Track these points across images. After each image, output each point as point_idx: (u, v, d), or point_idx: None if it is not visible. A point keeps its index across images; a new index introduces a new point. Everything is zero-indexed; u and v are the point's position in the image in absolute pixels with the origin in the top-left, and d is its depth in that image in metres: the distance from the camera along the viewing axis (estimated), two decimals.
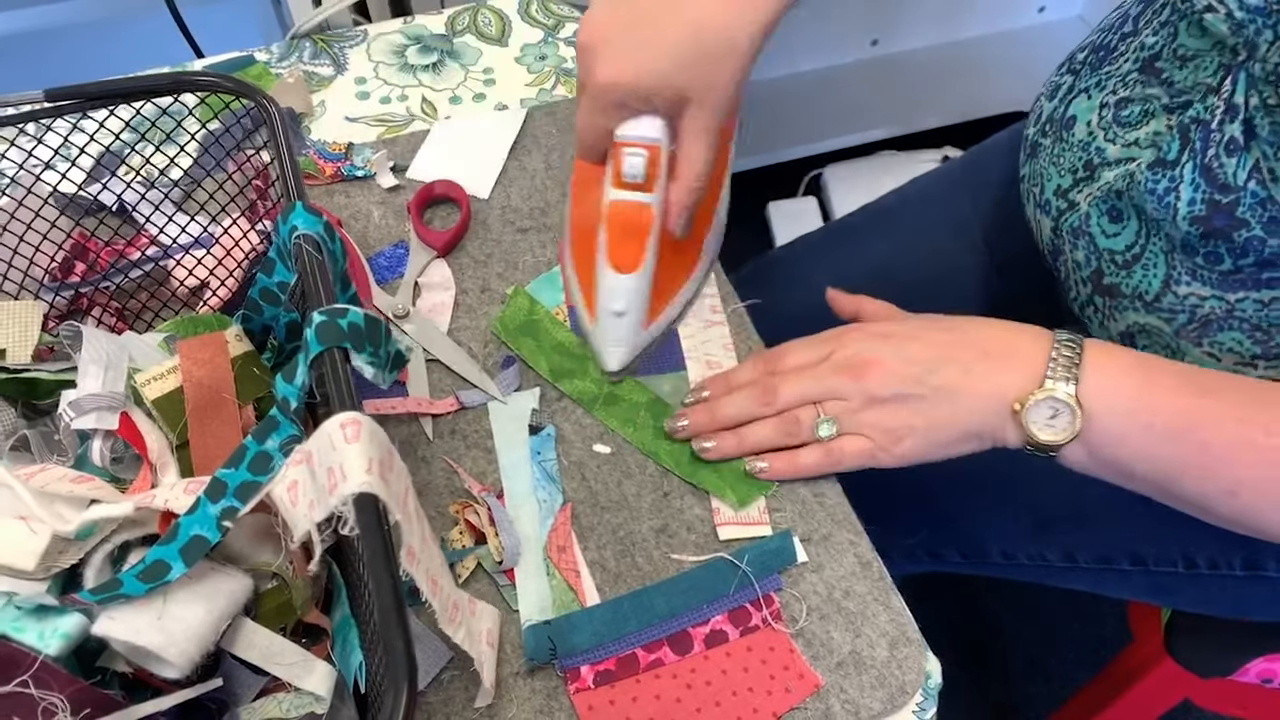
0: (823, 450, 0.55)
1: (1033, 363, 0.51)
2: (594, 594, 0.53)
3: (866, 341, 0.55)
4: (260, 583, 0.43)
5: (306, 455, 0.38)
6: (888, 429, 0.54)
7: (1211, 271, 0.55)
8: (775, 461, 0.56)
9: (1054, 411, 0.50)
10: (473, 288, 0.65)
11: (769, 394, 0.56)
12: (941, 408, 0.53)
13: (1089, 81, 0.64)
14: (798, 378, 0.56)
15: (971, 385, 0.52)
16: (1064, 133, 0.64)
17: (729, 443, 0.56)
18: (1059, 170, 0.64)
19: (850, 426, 0.54)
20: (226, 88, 0.46)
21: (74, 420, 0.43)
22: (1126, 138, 0.59)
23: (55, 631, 0.37)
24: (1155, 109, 0.57)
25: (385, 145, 0.72)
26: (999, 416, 0.52)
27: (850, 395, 0.54)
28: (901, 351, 0.54)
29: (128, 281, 0.58)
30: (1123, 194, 0.58)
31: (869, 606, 0.53)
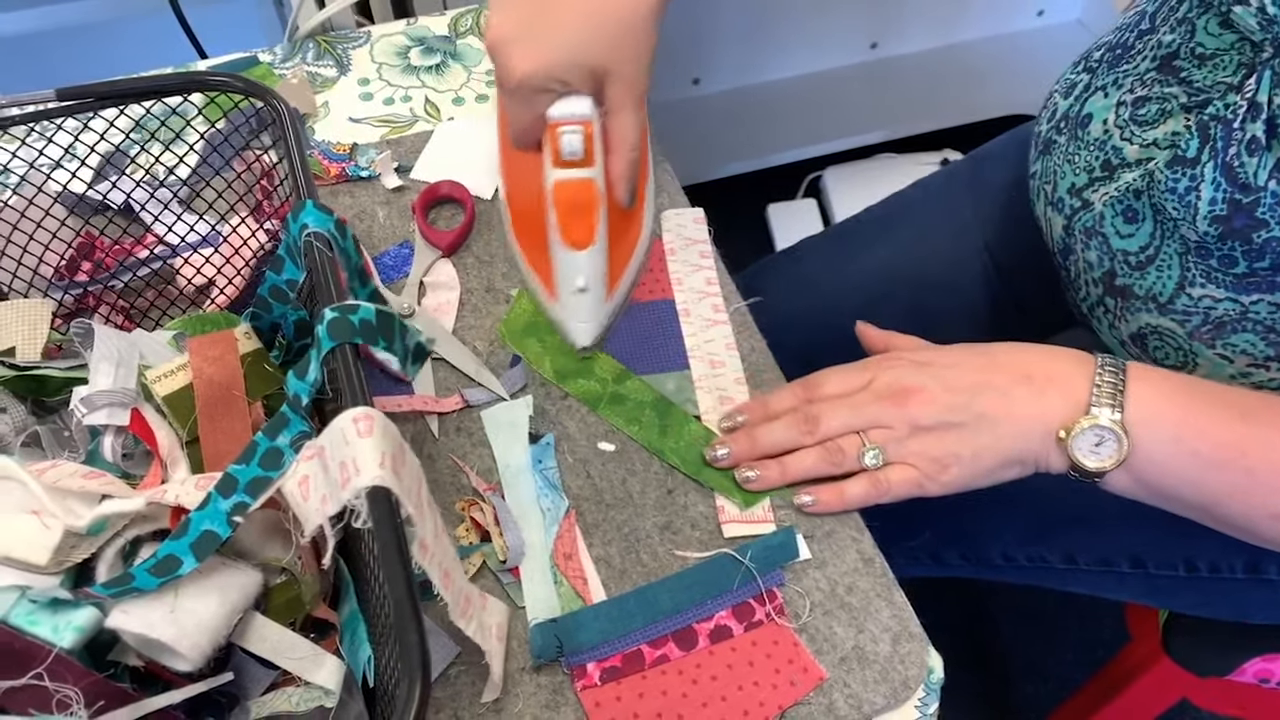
0: (870, 480, 0.55)
1: (1076, 388, 0.51)
2: (599, 591, 0.53)
3: (906, 369, 0.55)
4: (270, 578, 0.44)
5: (319, 450, 0.38)
6: (934, 458, 0.54)
7: (1226, 274, 0.55)
8: (822, 494, 0.55)
9: (1099, 439, 0.51)
10: (477, 287, 0.66)
11: (811, 423, 0.55)
12: (984, 435, 0.53)
13: (1105, 79, 0.63)
14: (839, 406, 0.55)
15: (1014, 411, 0.52)
16: (1079, 131, 0.64)
17: (773, 472, 0.56)
18: (1074, 168, 0.64)
19: (895, 456, 0.54)
20: (236, 87, 0.46)
21: (85, 416, 0.43)
22: (1145, 137, 0.59)
23: (69, 625, 0.38)
24: (1173, 108, 0.57)
25: (389, 146, 0.73)
26: (1043, 443, 0.52)
27: (894, 423, 0.54)
28: (941, 378, 0.54)
29: (135, 280, 0.58)
30: (1141, 194, 0.58)
31: (872, 602, 0.53)
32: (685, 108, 1.59)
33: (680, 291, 0.66)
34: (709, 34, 1.53)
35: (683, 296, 0.66)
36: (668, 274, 0.67)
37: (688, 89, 1.59)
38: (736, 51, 1.57)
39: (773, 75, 1.63)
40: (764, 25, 1.55)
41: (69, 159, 0.52)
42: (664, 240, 0.68)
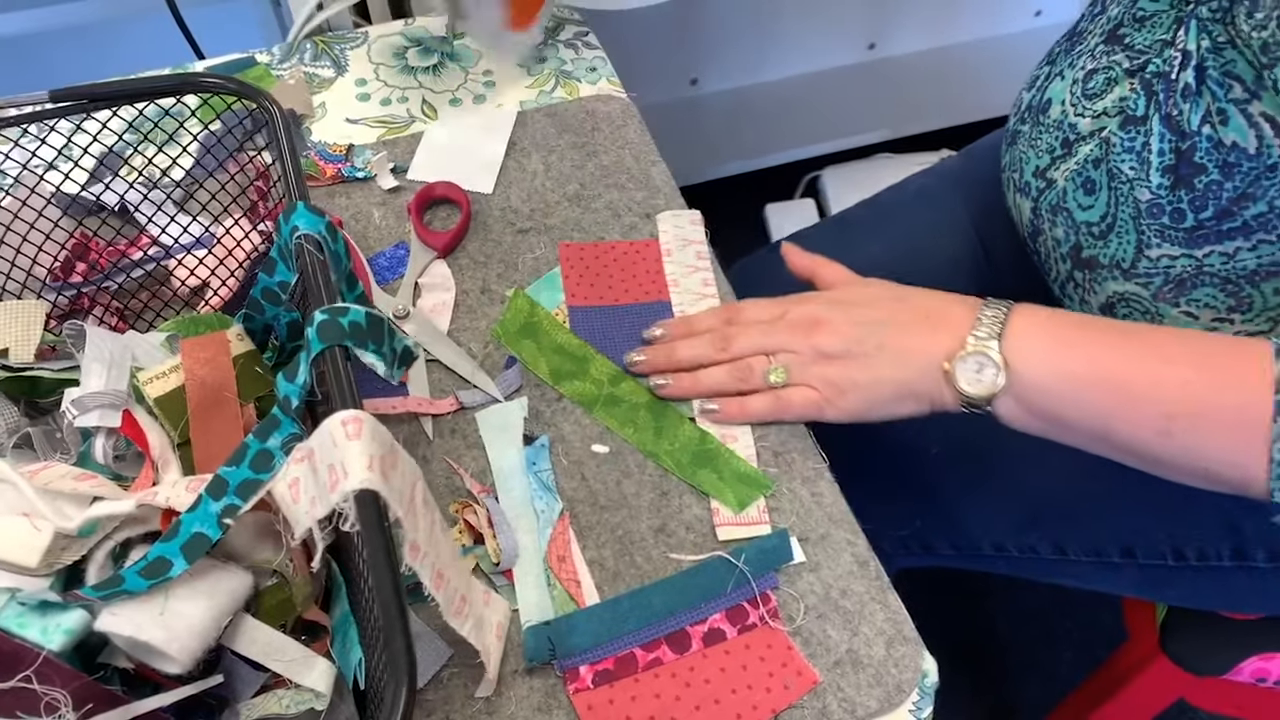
0: (772, 397, 0.58)
1: (962, 324, 0.54)
2: (593, 593, 0.53)
3: (820, 305, 0.59)
4: (261, 580, 0.44)
5: (308, 453, 0.38)
6: (833, 382, 0.57)
7: (1177, 230, 0.57)
8: (727, 405, 0.59)
9: (979, 366, 0.53)
10: (473, 288, 0.66)
11: (725, 341, 0.59)
12: (882, 366, 0.56)
13: (1063, 65, 0.66)
14: (752, 330, 0.59)
15: (907, 345, 0.56)
16: (1040, 116, 0.67)
17: (684, 383, 0.60)
18: (1036, 152, 0.66)
19: (799, 378, 0.58)
20: (230, 89, 0.46)
21: (77, 418, 0.43)
22: (1095, 108, 0.62)
23: (58, 627, 0.38)
24: (1118, 74, 0.60)
25: (386, 146, 0.73)
26: (932, 376, 0.55)
27: (800, 349, 0.57)
28: (850, 313, 0.58)
29: (129, 281, 0.58)
30: (1099, 162, 0.61)
31: (866, 605, 0.53)
32: (683, 108, 1.59)
33: (676, 293, 0.66)
34: (707, 34, 1.53)
35: (679, 298, 0.66)
36: (664, 275, 0.67)
37: (686, 89, 1.59)
38: (735, 52, 1.57)
39: (771, 75, 1.63)
40: (762, 25, 1.55)
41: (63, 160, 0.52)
42: (661, 241, 0.68)
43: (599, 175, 0.72)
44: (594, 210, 0.70)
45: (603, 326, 0.64)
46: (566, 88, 0.78)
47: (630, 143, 0.74)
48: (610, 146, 0.73)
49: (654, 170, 0.72)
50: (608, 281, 0.66)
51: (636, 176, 0.72)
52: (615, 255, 0.68)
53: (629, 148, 0.73)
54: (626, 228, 0.69)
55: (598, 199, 0.70)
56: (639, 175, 0.72)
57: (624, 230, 0.69)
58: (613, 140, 0.74)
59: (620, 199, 0.70)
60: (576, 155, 0.73)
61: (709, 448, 0.59)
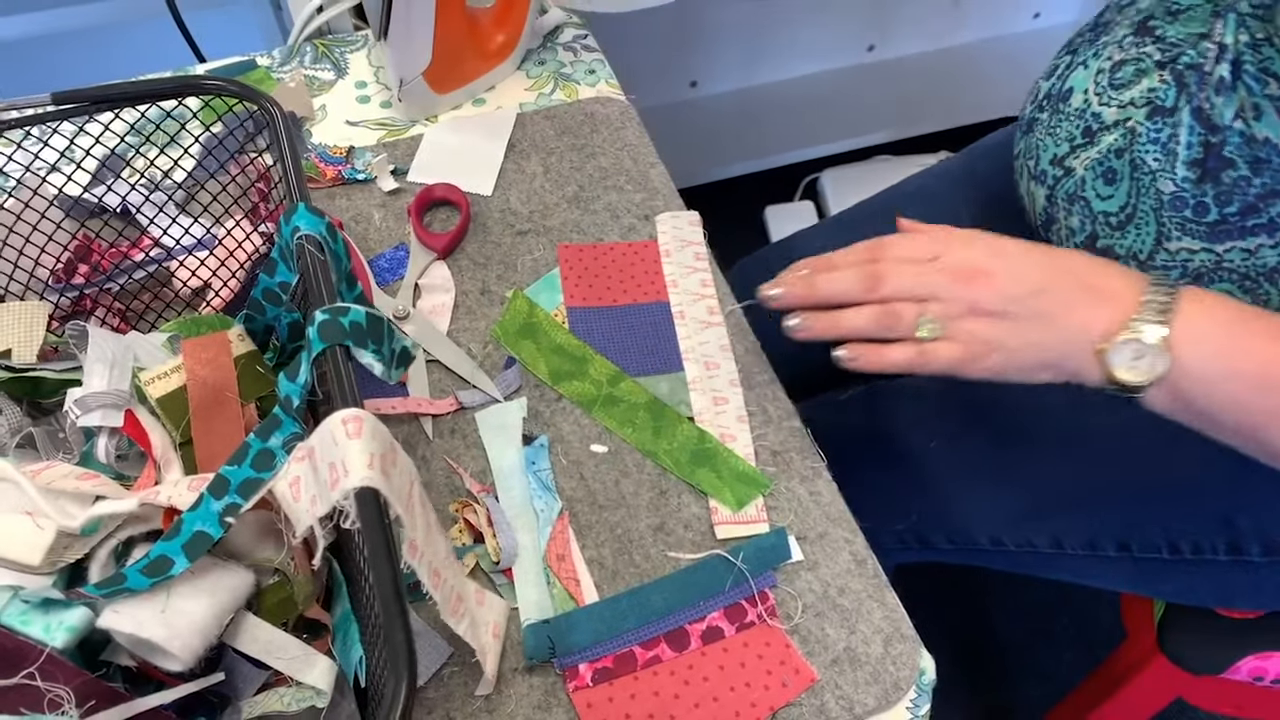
0: (915, 350, 0.53)
1: (1125, 302, 0.50)
2: (592, 592, 0.53)
3: (980, 250, 0.54)
4: (262, 578, 0.44)
5: (309, 451, 0.38)
6: (982, 340, 0.53)
7: (1199, 224, 0.57)
8: (865, 353, 0.54)
9: (1139, 353, 0.50)
10: (472, 289, 0.66)
11: (875, 280, 0.53)
12: (1034, 332, 0.52)
13: (1086, 54, 0.66)
14: (906, 270, 0.54)
15: (1065, 316, 0.52)
16: (1060, 104, 0.66)
17: (822, 323, 0.54)
18: (1055, 140, 0.66)
19: (945, 332, 0.53)
20: (231, 91, 0.46)
21: (80, 418, 0.44)
22: (1121, 98, 0.61)
23: (61, 625, 0.38)
24: (1148, 66, 0.59)
25: (386, 149, 0.73)
26: (1084, 352, 0.51)
27: (954, 300, 0.53)
28: (1010, 268, 0.53)
29: (130, 283, 0.58)
30: (1122, 152, 0.60)
31: (864, 604, 0.54)
32: (683, 110, 1.59)
33: (675, 294, 0.67)
34: (707, 37, 1.53)
35: (678, 298, 0.66)
36: (663, 276, 0.67)
37: (686, 91, 1.60)
38: (734, 54, 1.57)
39: (770, 78, 1.63)
40: (761, 28, 1.55)
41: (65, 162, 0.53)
42: (660, 242, 0.69)
43: (598, 177, 0.72)
44: (593, 212, 0.70)
45: (601, 327, 0.64)
46: (566, 90, 0.78)
47: (629, 144, 0.74)
48: (609, 148, 0.74)
49: (652, 172, 0.73)
50: (606, 282, 0.67)
51: (635, 178, 0.72)
52: (614, 256, 0.68)
53: (628, 149, 0.74)
54: (625, 229, 0.69)
55: (597, 200, 0.71)
56: (638, 177, 0.72)
57: (623, 231, 0.69)
58: (612, 142, 0.74)
59: (619, 200, 0.71)
60: (575, 157, 0.73)
61: (707, 447, 0.59)
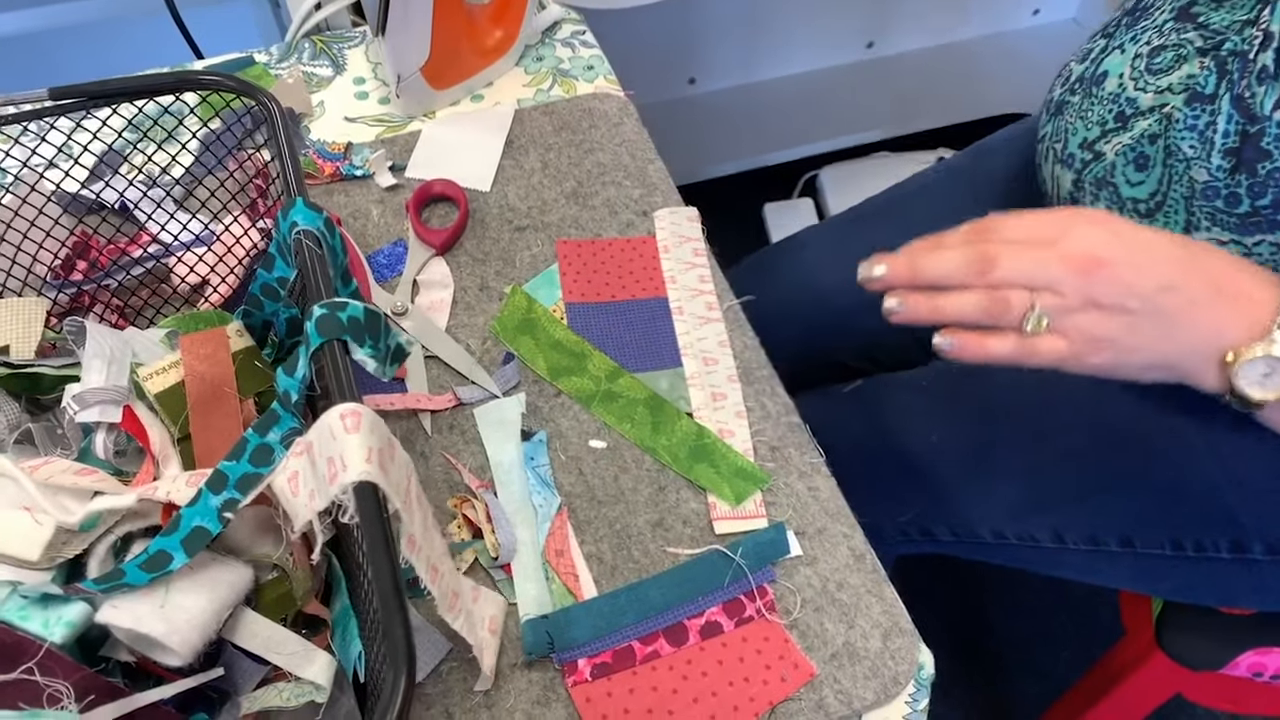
0: (1018, 343, 0.50)
1: (1261, 311, 0.47)
2: (591, 587, 0.53)
3: (1101, 235, 0.49)
4: (261, 574, 0.44)
5: (307, 446, 0.38)
6: (1093, 337, 0.49)
7: (1230, 215, 0.56)
8: (968, 343, 0.50)
9: (1271, 370, 0.47)
10: (471, 285, 0.66)
11: (986, 263, 0.49)
12: (1152, 332, 0.49)
13: (1124, 38, 0.65)
14: (1022, 254, 0.49)
15: (1193, 319, 0.48)
16: (1093, 88, 0.65)
17: (922, 308, 0.50)
18: (1086, 124, 0.65)
19: (1055, 325, 0.49)
20: (229, 86, 0.46)
21: (78, 414, 0.44)
22: (1159, 84, 0.60)
23: (60, 620, 0.38)
24: (1189, 52, 0.59)
25: (384, 145, 0.73)
26: (1206, 360, 0.49)
27: (1070, 292, 0.49)
28: (1134, 259, 0.49)
29: (129, 279, 0.58)
30: (1156, 138, 0.59)
31: (862, 598, 0.54)
32: (682, 107, 1.59)
33: (674, 289, 0.67)
34: (705, 34, 1.53)
35: (676, 294, 0.66)
36: (661, 272, 0.67)
37: (684, 88, 1.60)
38: (733, 51, 1.57)
39: (769, 74, 1.63)
40: (760, 25, 1.55)
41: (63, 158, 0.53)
42: (658, 238, 0.69)
43: (596, 173, 0.72)
44: (591, 207, 0.70)
45: (600, 323, 0.64)
46: (564, 85, 0.78)
47: (627, 140, 0.74)
48: (608, 144, 0.74)
49: (651, 168, 0.73)
50: (605, 278, 0.67)
51: (634, 174, 0.72)
52: (612, 252, 0.68)
53: (626, 145, 0.74)
54: (624, 224, 0.69)
55: (595, 196, 0.71)
56: (636, 172, 0.72)
57: (621, 227, 0.69)
58: (610, 138, 0.74)
59: (617, 196, 0.71)
60: (574, 153, 0.73)
61: (706, 443, 0.59)
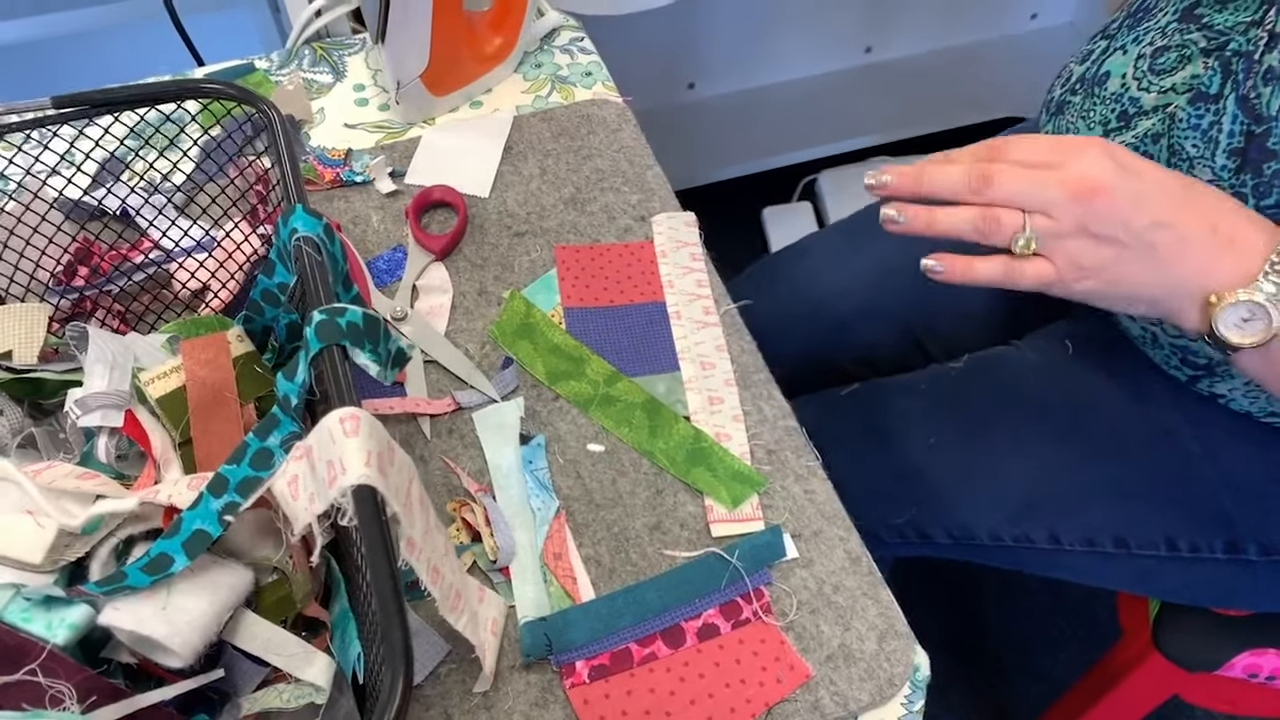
0: (1005, 265, 0.51)
1: (1253, 257, 0.48)
2: (589, 591, 0.54)
3: (1106, 164, 0.49)
4: (261, 576, 0.44)
5: (306, 450, 0.39)
6: (1080, 264, 0.50)
7: None
8: (953, 265, 0.52)
9: (1250, 315, 0.49)
10: (470, 290, 0.66)
11: (985, 180, 0.51)
12: (1140, 266, 0.50)
13: (1126, 39, 0.65)
14: (1020, 174, 0.50)
15: (1181, 258, 0.49)
16: (1095, 88, 0.66)
17: (919, 222, 0.52)
18: (1088, 123, 0.65)
19: (1044, 248, 0.50)
20: (229, 94, 0.47)
21: (80, 418, 0.44)
22: (1162, 84, 0.60)
23: (63, 622, 0.38)
24: (1193, 53, 0.59)
25: (384, 151, 0.73)
26: (1190, 299, 0.50)
27: (1063, 217, 0.49)
28: (1134, 190, 0.49)
29: (130, 285, 0.59)
30: (1159, 137, 0.60)
31: (858, 601, 0.54)
32: (681, 112, 1.60)
33: (671, 294, 0.67)
34: (704, 39, 1.54)
35: (674, 299, 0.67)
36: (659, 276, 0.68)
37: (683, 94, 1.60)
38: (732, 56, 1.58)
39: (768, 79, 1.64)
40: (759, 30, 1.56)
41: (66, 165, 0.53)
42: (655, 243, 0.69)
43: (595, 178, 0.73)
44: (590, 213, 0.71)
45: (598, 327, 0.65)
46: (562, 92, 0.79)
47: (625, 146, 0.74)
48: (606, 150, 0.74)
49: (649, 173, 0.73)
50: (603, 283, 0.67)
51: (632, 179, 0.73)
52: (611, 257, 0.68)
53: (624, 151, 0.74)
54: (622, 230, 0.70)
55: (593, 202, 0.71)
56: (634, 178, 0.73)
57: (619, 233, 0.70)
58: (608, 144, 0.75)
59: (616, 202, 0.71)
60: (572, 159, 0.74)
61: (703, 446, 0.59)
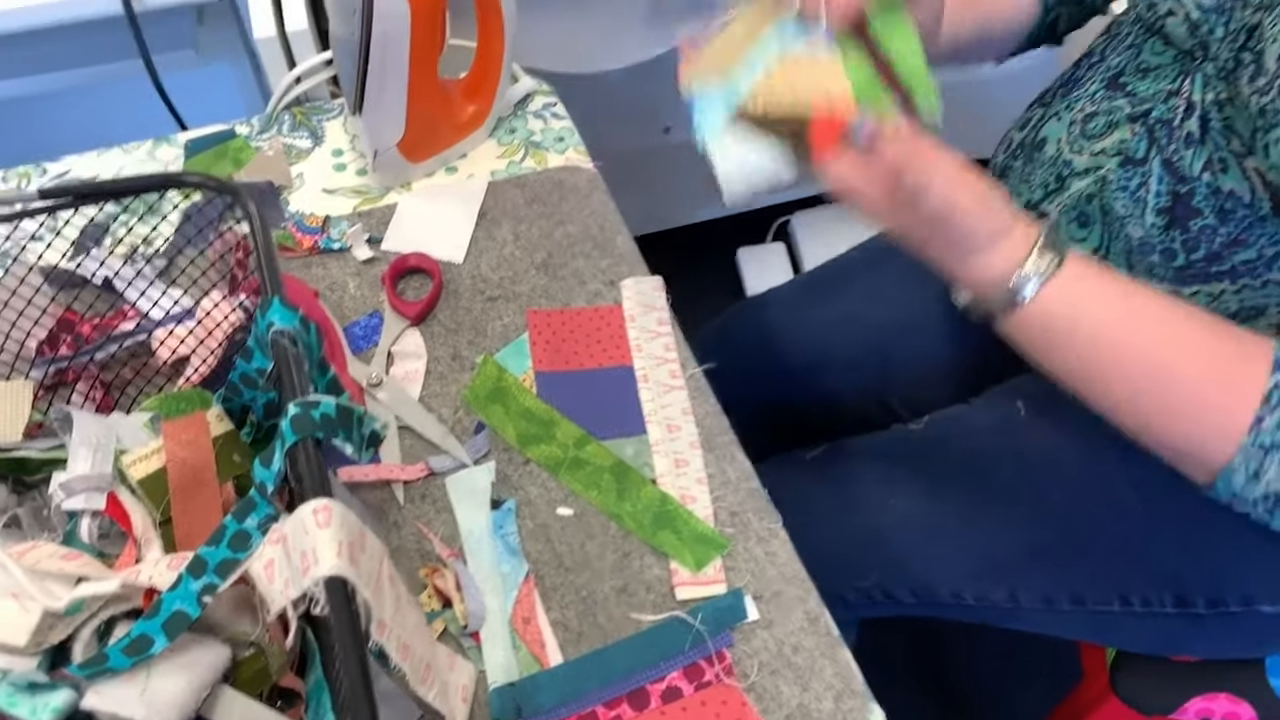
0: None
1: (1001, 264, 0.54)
2: (557, 654, 0.56)
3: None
4: (238, 650, 0.46)
5: (282, 536, 0.41)
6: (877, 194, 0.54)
7: (1167, 268, 0.61)
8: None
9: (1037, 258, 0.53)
10: (444, 355, 0.69)
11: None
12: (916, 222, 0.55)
13: (1059, 106, 0.70)
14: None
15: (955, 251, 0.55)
16: (1034, 154, 0.70)
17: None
18: (1029, 187, 0.70)
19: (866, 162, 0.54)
20: (209, 186, 0.49)
21: (64, 501, 0.46)
22: (1093, 148, 0.65)
23: (46, 706, 0.40)
24: (1119, 119, 0.64)
25: (361, 217, 0.76)
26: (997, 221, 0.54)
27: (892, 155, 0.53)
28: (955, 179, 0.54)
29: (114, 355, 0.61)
30: (1093, 198, 0.64)
31: (816, 661, 0.56)
32: (657, 155, 1.63)
33: (639, 357, 0.69)
34: None
35: (641, 362, 0.69)
36: (628, 340, 0.70)
37: (659, 137, 1.63)
38: None
39: None
40: None
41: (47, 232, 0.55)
42: (624, 307, 0.72)
43: (566, 243, 0.75)
44: (561, 278, 0.73)
45: (568, 391, 0.67)
46: (536, 157, 0.81)
47: (596, 211, 0.77)
48: (577, 215, 0.77)
49: (618, 238, 0.76)
50: (573, 347, 0.69)
51: (602, 244, 0.75)
52: (580, 321, 0.71)
53: (595, 216, 0.77)
54: (592, 294, 0.72)
55: (565, 267, 0.74)
56: (604, 243, 0.75)
57: (589, 297, 0.72)
58: (579, 209, 0.77)
59: (586, 266, 0.74)
60: (545, 224, 0.76)
61: (669, 509, 0.62)
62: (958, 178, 0.53)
